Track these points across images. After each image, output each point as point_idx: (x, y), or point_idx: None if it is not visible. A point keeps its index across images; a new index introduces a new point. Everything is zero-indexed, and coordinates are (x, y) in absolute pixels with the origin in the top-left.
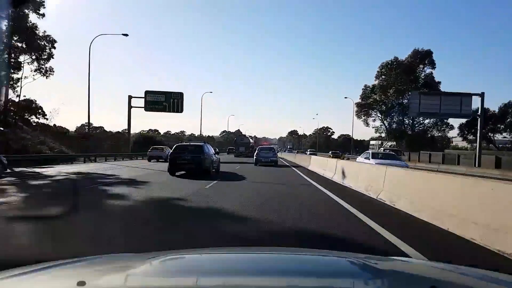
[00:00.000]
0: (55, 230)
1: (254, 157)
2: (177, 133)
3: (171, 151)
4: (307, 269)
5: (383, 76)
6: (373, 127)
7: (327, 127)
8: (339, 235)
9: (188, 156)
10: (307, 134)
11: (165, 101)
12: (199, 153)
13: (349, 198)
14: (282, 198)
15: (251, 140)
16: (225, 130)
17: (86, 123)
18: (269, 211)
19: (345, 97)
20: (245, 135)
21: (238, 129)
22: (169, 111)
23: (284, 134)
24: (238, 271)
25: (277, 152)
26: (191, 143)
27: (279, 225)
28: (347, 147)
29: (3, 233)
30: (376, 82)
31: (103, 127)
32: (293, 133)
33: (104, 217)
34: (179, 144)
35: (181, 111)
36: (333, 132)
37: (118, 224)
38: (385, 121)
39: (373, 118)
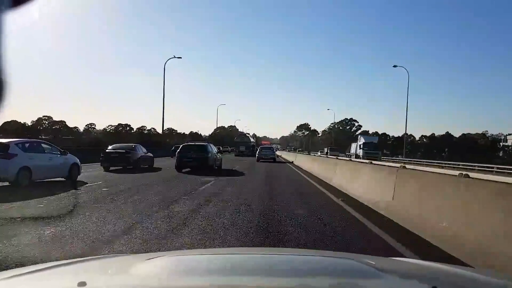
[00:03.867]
0: None
1: (256, 155)
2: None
3: (178, 150)
4: (306, 270)
5: None
6: None
7: (351, 119)
8: None
9: (194, 155)
10: (319, 130)
11: None
12: (203, 152)
13: None
14: None
15: (252, 140)
16: (219, 127)
17: None
18: None
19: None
20: (245, 134)
21: (234, 125)
22: None
23: (287, 133)
24: (238, 271)
25: (276, 150)
26: (196, 143)
27: None
28: (390, 148)
29: None
30: None
31: None
32: (302, 127)
33: None
34: (185, 144)
35: None
36: (360, 125)
37: None
38: None
39: None
